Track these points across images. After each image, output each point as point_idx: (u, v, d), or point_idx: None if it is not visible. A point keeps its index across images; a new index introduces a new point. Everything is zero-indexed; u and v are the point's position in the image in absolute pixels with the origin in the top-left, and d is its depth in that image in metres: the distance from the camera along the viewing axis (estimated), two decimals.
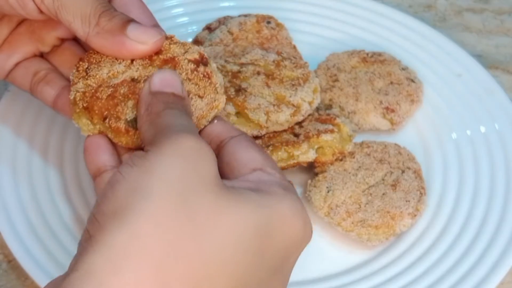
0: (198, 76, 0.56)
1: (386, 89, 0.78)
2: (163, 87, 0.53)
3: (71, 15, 0.57)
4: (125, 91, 0.55)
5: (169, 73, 0.54)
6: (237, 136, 0.55)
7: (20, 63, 0.65)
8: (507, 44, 0.91)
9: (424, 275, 0.66)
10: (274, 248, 0.46)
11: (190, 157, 0.44)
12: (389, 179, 0.70)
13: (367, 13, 0.88)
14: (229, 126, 0.57)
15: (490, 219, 0.70)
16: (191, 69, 0.56)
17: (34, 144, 0.74)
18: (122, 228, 0.42)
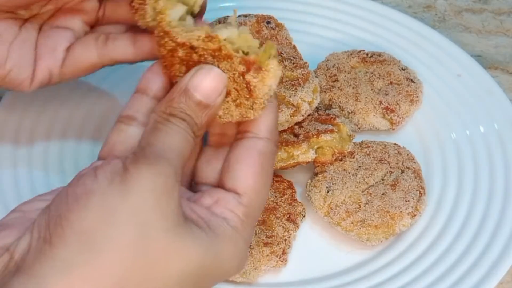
0: (240, 84, 0.53)
1: (386, 89, 0.78)
2: (195, 90, 0.52)
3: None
4: (182, 55, 0.54)
5: (211, 78, 0.53)
6: (249, 139, 0.54)
7: (72, 46, 0.63)
8: (507, 44, 0.91)
9: (423, 275, 0.66)
10: (208, 282, 0.51)
11: (158, 195, 0.47)
12: (388, 179, 0.71)
13: (367, 14, 0.89)
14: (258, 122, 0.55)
15: (490, 219, 0.70)
16: (239, 72, 0.53)
17: (34, 145, 0.74)
18: (83, 254, 0.45)
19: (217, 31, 0.53)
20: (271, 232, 0.66)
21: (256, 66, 0.52)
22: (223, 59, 0.53)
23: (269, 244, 0.66)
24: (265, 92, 0.53)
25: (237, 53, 0.52)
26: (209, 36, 0.53)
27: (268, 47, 0.53)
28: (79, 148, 0.75)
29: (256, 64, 0.52)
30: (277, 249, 0.66)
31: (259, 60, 0.52)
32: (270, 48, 0.53)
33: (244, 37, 0.53)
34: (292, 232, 0.68)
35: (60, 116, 0.76)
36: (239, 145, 0.54)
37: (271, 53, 0.52)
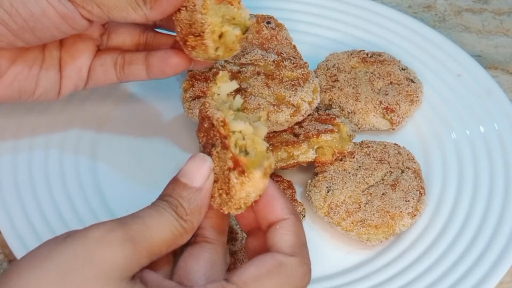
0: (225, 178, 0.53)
1: (386, 89, 0.78)
2: (181, 175, 0.53)
3: (122, 10, 0.60)
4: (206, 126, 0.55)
5: (196, 163, 0.54)
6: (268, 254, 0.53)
7: (92, 65, 0.68)
8: (507, 44, 0.91)
9: (424, 275, 0.66)
10: None
11: (93, 249, 0.48)
12: (388, 179, 0.71)
13: (367, 14, 0.89)
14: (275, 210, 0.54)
15: (490, 219, 0.70)
16: (228, 166, 0.53)
17: (34, 144, 0.74)
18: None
19: (235, 121, 0.54)
20: None
21: (241, 169, 0.52)
22: (224, 147, 0.53)
23: None
24: (241, 197, 0.52)
25: (235, 148, 0.53)
26: (223, 122, 0.53)
27: (261, 157, 0.53)
28: (80, 147, 0.75)
29: (242, 167, 0.52)
30: None
31: (245, 165, 0.52)
32: (264, 160, 0.53)
33: (255, 138, 0.54)
34: None
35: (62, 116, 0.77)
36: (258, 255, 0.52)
37: (264, 164, 0.52)
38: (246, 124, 0.54)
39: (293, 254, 0.52)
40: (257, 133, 0.54)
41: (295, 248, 0.52)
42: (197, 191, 0.53)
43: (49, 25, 0.59)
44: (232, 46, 0.62)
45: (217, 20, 0.60)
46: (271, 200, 0.54)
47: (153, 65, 0.67)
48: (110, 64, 0.68)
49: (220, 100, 0.56)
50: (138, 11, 0.60)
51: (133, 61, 0.68)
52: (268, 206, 0.54)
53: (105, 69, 0.68)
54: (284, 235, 0.52)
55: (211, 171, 0.54)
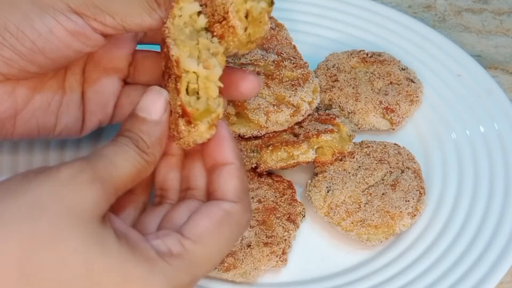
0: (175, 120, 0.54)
1: (386, 89, 0.78)
2: (139, 110, 0.54)
3: (136, 16, 0.58)
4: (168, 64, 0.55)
5: (152, 96, 0.55)
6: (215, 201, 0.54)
7: (118, 102, 0.66)
8: (506, 44, 0.91)
9: (424, 275, 0.66)
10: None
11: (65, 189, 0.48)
12: (388, 179, 0.71)
13: (367, 14, 0.89)
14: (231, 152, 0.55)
15: (490, 219, 0.70)
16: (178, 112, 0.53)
17: (35, 145, 0.74)
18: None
19: (190, 60, 0.53)
20: (271, 232, 0.66)
21: (188, 119, 0.53)
22: (176, 89, 0.53)
23: (269, 244, 0.66)
24: (189, 140, 0.54)
25: (185, 94, 0.53)
26: (177, 61, 0.53)
27: (209, 110, 0.53)
28: (80, 147, 0.75)
29: (189, 117, 0.53)
30: (277, 249, 0.66)
31: (193, 115, 0.53)
32: (211, 112, 0.53)
33: (208, 82, 0.53)
34: (292, 232, 0.68)
35: None
36: (204, 204, 0.54)
37: (212, 115, 0.53)
38: (200, 66, 0.53)
39: (237, 201, 0.53)
40: (211, 76, 0.53)
41: (239, 194, 0.54)
42: (156, 124, 0.54)
43: (59, 44, 0.57)
44: (262, 20, 0.57)
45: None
46: (221, 141, 0.55)
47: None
48: (134, 100, 0.65)
49: (182, 23, 0.55)
50: (153, 15, 0.58)
51: None
52: (217, 146, 0.55)
53: (131, 105, 0.64)
54: (229, 180, 0.54)
55: (167, 103, 0.55)
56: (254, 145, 0.71)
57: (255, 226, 0.67)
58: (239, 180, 0.54)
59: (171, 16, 0.55)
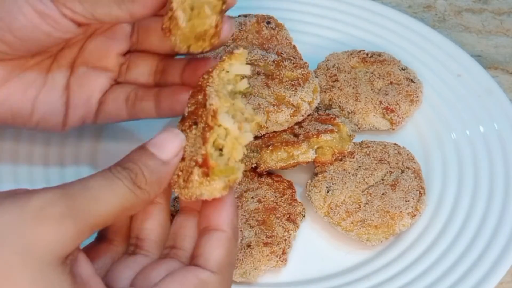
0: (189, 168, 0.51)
1: (386, 89, 0.78)
2: (150, 145, 0.51)
3: (105, 5, 0.58)
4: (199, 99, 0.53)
5: (168, 135, 0.52)
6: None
7: (104, 98, 0.65)
8: (507, 44, 0.91)
9: (423, 275, 0.66)
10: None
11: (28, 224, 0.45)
12: (388, 179, 0.71)
13: (367, 14, 0.89)
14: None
15: (490, 219, 0.70)
16: (196, 159, 0.51)
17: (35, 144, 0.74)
18: None
19: (226, 117, 0.51)
20: (271, 232, 0.66)
21: (206, 171, 0.50)
22: (202, 137, 0.51)
23: (269, 244, 0.66)
24: (195, 193, 0.51)
25: (212, 146, 0.51)
26: (214, 113, 0.51)
27: (232, 170, 0.51)
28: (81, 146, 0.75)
29: (208, 170, 0.50)
30: (277, 249, 0.66)
31: (212, 170, 0.50)
32: (233, 172, 0.51)
33: (237, 143, 0.52)
34: (292, 232, 0.68)
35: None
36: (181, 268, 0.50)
37: (230, 176, 0.51)
38: (235, 124, 0.51)
39: (217, 272, 0.50)
40: (241, 139, 0.52)
41: (222, 265, 0.50)
42: (163, 164, 0.51)
43: (27, 23, 0.57)
44: (202, 12, 0.56)
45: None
46: (222, 206, 0.52)
47: (162, 101, 0.64)
48: (123, 98, 0.65)
49: (226, 79, 0.53)
50: (122, 6, 0.58)
51: (145, 97, 0.65)
52: (216, 210, 0.52)
53: (117, 105, 0.65)
54: (216, 248, 0.51)
55: (182, 149, 0.52)
56: (254, 145, 0.71)
57: (255, 226, 0.67)
58: (226, 251, 0.51)
59: (219, 68, 0.53)
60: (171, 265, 0.51)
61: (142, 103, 0.65)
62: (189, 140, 0.52)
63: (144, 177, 0.49)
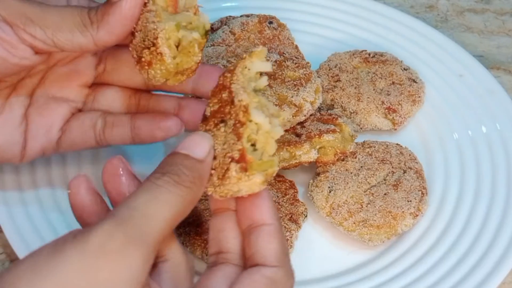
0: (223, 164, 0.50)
1: (388, 89, 0.78)
2: (181, 149, 0.50)
3: (67, 32, 0.56)
4: (224, 97, 0.53)
5: (196, 137, 0.51)
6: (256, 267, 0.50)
7: (66, 126, 0.63)
8: (509, 45, 0.91)
9: (425, 275, 0.66)
10: None
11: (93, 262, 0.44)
12: (390, 179, 0.71)
13: (369, 14, 0.89)
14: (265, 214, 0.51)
15: (492, 219, 0.70)
16: (231, 154, 0.50)
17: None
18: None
19: (257, 112, 0.51)
20: None
21: (245, 166, 0.50)
22: (236, 134, 0.51)
23: None
24: (232, 189, 0.51)
25: (247, 142, 0.50)
26: (246, 108, 0.51)
27: (270, 163, 0.51)
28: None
29: (246, 165, 0.50)
30: None
31: (250, 164, 0.50)
32: (270, 166, 0.51)
33: (269, 137, 0.51)
34: (294, 232, 0.68)
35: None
36: (245, 272, 0.50)
37: (268, 170, 0.50)
38: (266, 119, 0.51)
39: (279, 265, 0.50)
40: (272, 133, 0.52)
41: (281, 257, 0.50)
42: (199, 162, 0.50)
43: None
44: (192, 50, 0.57)
45: (171, 25, 0.56)
46: (261, 200, 0.52)
47: (140, 127, 0.62)
48: (88, 126, 0.63)
49: (248, 76, 0.53)
50: (85, 33, 0.56)
51: (117, 123, 0.63)
52: (255, 205, 0.51)
53: (82, 132, 0.63)
54: (269, 243, 0.50)
55: (211, 149, 0.51)
56: None
57: None
58: (279, 243, 0.50)
59: (241, 65, 0.53)
60: (226, 270, 0.51)
61: (114, 130, 0.63)
62: (218, 139, 0.52)
63: (186, 175, 0.48)
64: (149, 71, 0.57)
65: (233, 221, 0.53)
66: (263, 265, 0.49)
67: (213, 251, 0.53)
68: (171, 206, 0.47)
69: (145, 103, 0.65)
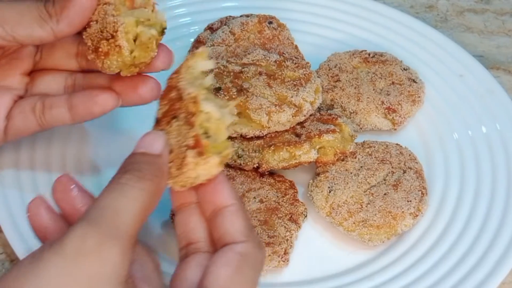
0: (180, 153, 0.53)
1: (388, 89, 0.78)
2: (138, 148, 0.52)
3: (27, 27, 0.57)
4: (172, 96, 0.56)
5: (150, 136, 0.53)
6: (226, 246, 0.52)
7: (9, 114, 0.64)
8: (509, 45, 0.91)
9: (425, 275, 0.66)
10: None
11: (74, 266, 0.45)
12: (390, 179, 0.71)
13: (369, 14, 0.89)
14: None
15: (492, 219, 0.70)
16: (187, 143, 0.53)
17: (36, 144, 0.74)
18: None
19: (206, 102, 0.54)
20: (273, 232, 0.66)
21: (200, 150, 0.52)
22: (188, 124, 0.53)
23: (271, 244, 0.65)
24: (191, 176, 0.53)
25: (200, 128, 0.53)
26: (195, 99, 0.53)
27: (224, 145, 0.53)
28: (82, 146, 0.75)
29: (202, 148, 0.52)
30: (279, 249, 0.65)
31: (206, 147, 0.52)
32: (225, 148, 0.53)
33: (220, 124, 0.54)
34: (294, 232, 0.68)
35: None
36: (217, 252, 0.52)
37: (223, 152, 0.53)
38: (216, 107, 0.54)
39: (248, 240, 0.52)
40: (223, 120, 0.54)
41: (248, 233, 0.52)
42: (156, 157, 0.52)
43: None
44: (150, 46, 0.59)
45: (131, 20, 0.59)
46: (219, 184, 0.54)
47: (77, 105, 0.62)
48: (28, 110, 0.63)
49: (193, 75, 0.56)
50: (44, 27, 0.57)
51: (54, 105, 0.63)
52: (215, 190, 0.53)
53: (23, 117, 0.63)
54: (234, 221, 0.52)
55: (166, 143, 0.53)
56: (256, 145, 0.71)
57: (257, 226, 0.67)
58: (244, 219, 0.53)
59: (185, 66, 0.56)
60: (198, 259, 0.53)
61: (53, 111, 0.63)
62: (172, 133, 0.54)
63: (146, 170, 0.50)
64: (105, 61, 0.59)
65: (197, 213, 0.55)
66: (233, 242, 0.51)
67: (183, 244, 0.55)
68: (137, 200, 0.49)
69: (81, 82, 0.66)
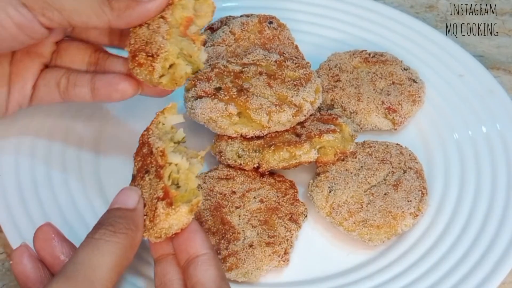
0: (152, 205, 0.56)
1: (388, 89, 0.78)
2: (113, 204, 0.56)
3: (84, 15, 0.60)
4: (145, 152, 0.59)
5: (125, 192, 0.57)
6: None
7: (36, 84, 0.67)
8: (509, 45, 0.91)
9: (425, 275, 0.66)
10: None
11: None
12: (390, 179, 0.71)
13: (369, 14, 0.89)
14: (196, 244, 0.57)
15: (492, 219, 0.70)
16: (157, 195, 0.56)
17: (37, 144, 0.74)
18: None
19: (174, 154, 0.56)
20: (273, 232, 0.66)
21: (169, 201, 0.55)
22: (158, 176, 0.56)
23: (271, 244, 0.66)
24: (164, 227, 0.55)
25: (168, 180, 0.55)
26: (162, 152, 0.56)
27: (193, 194, 0.56)
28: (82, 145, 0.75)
29: (171, 199, 0.55)
30: (279, 249, 0.66)
31: (174, 198, 0.55)
32: (195, 196, 0.56)
33: (189, 174, 0.57)
34: (294, 232, 0.68)
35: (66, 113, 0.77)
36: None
37: (192, 201, 0.55)
38: (183, 159, 0.57)
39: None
40: (192, 169, 0.57)
41: (218, 281, 0.55)
42: (131, 211, 0.55)
43: (5, 35, 0.59)
44: (178, 80, 0.62)
45: (175, 50, 0.61)
46: (192, 234, 0.56)
47: (99, 89, 0.66)
48: (53, 84, 0.67)
49: (164, 130, 0.59)
50: (102, 18, 0.60)
51: (78, 83, 0.67)
52: (189, 239, 0.56)
53: (48, 90, 0.67)
54: (207, 270, 0.55)
55: (140, 198, 0.56)
56: (256, 145, 0.71)
57: (257, 226, 0.67)
58: (216, 268, 0.56)
59: (155, 122, 0.59)
60: None
61: (76, 89, 0.67)
62: (145, 188, 0.57)
63: (120, 224, 0.54)
64: (136, 68, 0.62)
65: (174, 264, 0.58)
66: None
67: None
68: (112, 254, 0.52)
69: (103, 62, 0.69)
